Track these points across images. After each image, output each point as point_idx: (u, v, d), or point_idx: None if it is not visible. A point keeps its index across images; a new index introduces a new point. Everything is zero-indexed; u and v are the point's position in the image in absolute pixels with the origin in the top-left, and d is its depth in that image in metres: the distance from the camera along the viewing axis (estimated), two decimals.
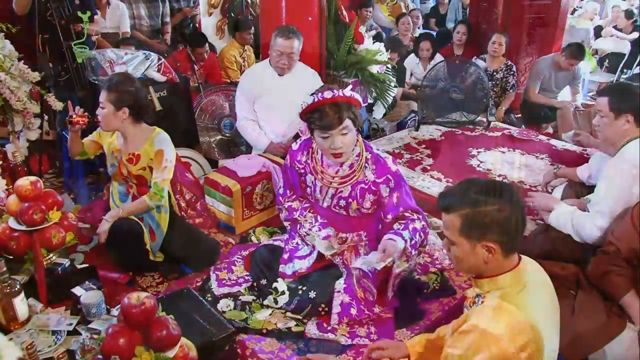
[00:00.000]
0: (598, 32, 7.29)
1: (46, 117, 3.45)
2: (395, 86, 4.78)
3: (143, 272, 2.63)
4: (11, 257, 2.14)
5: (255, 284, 2.53)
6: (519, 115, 5.09)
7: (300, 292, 2.40)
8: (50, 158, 3.84)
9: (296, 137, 3.29)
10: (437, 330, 1.81)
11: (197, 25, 5.64)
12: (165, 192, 2.56)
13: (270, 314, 2.37)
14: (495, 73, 4.91)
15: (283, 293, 2.41)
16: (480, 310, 1.46)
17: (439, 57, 5.22)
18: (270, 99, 3.41)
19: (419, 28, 6.73)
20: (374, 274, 2.43)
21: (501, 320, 1.38)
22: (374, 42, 4.54)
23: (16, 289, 1.90)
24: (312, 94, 2.20)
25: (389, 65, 4.63)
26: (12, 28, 2.84)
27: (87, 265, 2.43)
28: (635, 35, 6.57)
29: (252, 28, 5.11)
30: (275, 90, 3.37)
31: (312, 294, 2.37)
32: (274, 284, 2.45)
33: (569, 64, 4.66)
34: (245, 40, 5.12)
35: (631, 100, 2.34)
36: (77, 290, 2.08)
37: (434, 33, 6.40)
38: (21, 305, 1.93)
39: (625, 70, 6.05)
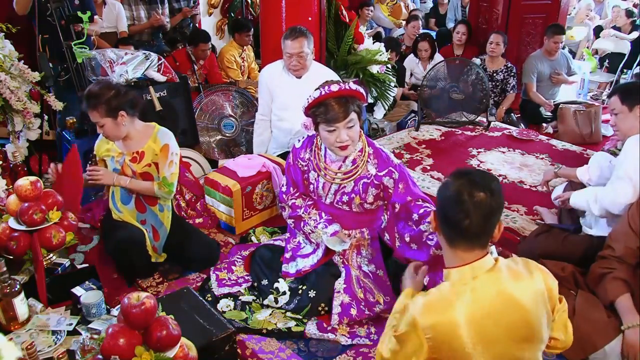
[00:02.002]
0: (598, 32, 7.29)
1: (46, 117, 3.45)
2: (395, 86, 4.78)
3: (145, 277, 2.63)
4: (11, 257, 2.14)
5: (255, 284, 2.53)
6: (519, 115, 5.08)
7: (300, 291, 2.40)
8: (50, 158, 3.83)
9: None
10: None
11: (197, 25, 5.64)
12: (174, 187, 2.57)
13: (270, 314, 2.37)
14: (495, 74, 4.91)
15: (284, 293, 2.42)
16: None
17: (438, 57, 5.23)
18: (284, 100, 3.34)
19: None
20: (374, 274, 2.43)
21: (426, 296, 1.45)
22: (374, 42, 4.55)
23: (16, 289, 1.90)
24: (317, 88, 2.20)
25: (389, 65, 4.63)
26: (12, 28, 2.84)
27: (87, 265, 2.44)
28: (635, 35, 6.56)
29: (252, 30, 5.11)
30: (290, 92, 3.28)
31: (311, 293, 2.37)
32: (275, 284, 2.45)
33: (554, 42, 4.71)
34: (244, 42, 5.12)
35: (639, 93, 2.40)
36: (77, 290, 2.08)
37: (434, 33, 6.40)
38: (21, 305, 1.92)
39: (625, 70, 6.04)
